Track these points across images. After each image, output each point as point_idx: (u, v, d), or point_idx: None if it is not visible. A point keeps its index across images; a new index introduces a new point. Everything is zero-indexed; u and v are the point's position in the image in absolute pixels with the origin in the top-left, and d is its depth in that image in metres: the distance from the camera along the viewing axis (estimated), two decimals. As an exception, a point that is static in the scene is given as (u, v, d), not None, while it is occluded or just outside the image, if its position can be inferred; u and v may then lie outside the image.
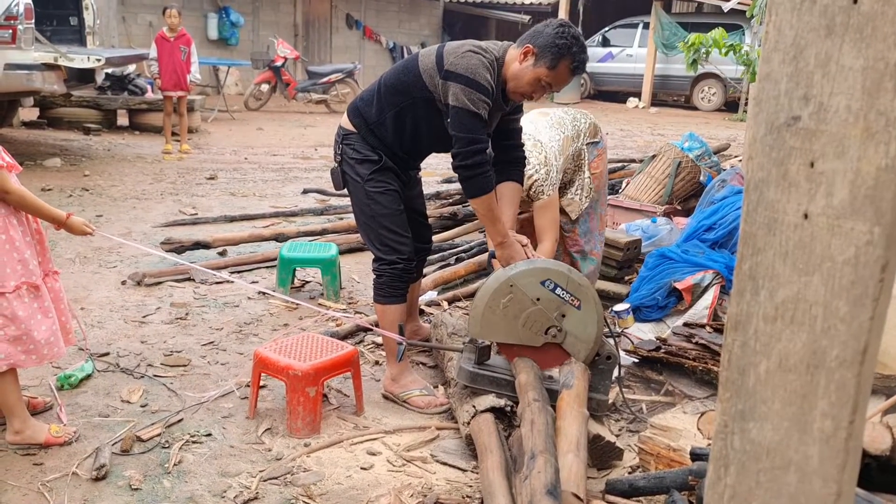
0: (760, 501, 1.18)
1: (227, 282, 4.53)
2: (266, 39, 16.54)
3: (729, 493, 1.21)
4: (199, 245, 5.18)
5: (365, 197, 3.26)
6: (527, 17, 20.61)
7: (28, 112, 10.68)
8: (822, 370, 1.12)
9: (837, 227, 1.08)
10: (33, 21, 7.42)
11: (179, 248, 5.09)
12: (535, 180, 3.59)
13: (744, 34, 15.26)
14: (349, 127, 3.31)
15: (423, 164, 3.55)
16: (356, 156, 3.26)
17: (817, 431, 1.13)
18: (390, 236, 3.24)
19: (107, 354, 3.60)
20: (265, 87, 14.18)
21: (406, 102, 3.18)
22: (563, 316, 2.89)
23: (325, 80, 14.53)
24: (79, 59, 7.81)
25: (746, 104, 14.68)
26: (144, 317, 4.11)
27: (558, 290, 2.88)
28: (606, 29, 19.60)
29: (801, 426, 1.14)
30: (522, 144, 3.46)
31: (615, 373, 3.02)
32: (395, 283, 3.25)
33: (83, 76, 8.26)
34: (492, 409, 2.82)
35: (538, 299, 2.89)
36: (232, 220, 6.30)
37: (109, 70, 9.74)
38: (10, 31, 7.08)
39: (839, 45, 1.05)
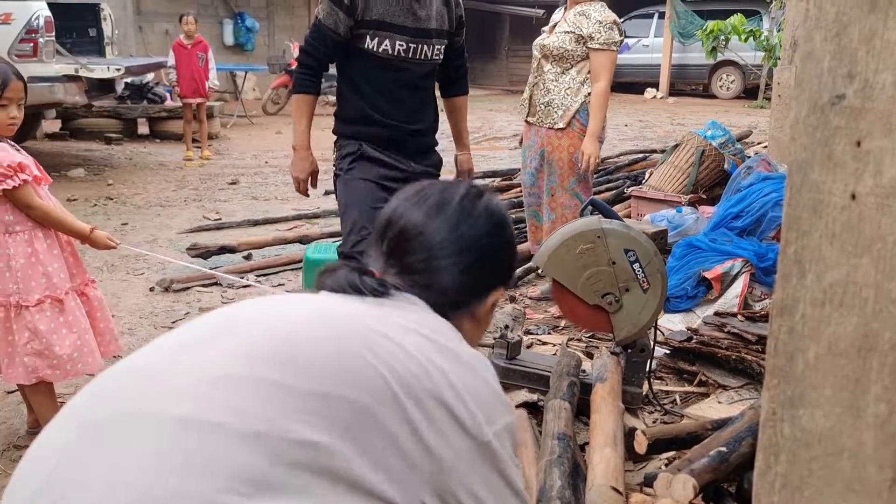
0: (813, 490, 1.16)
1: (253, 286, 4.54)
2: (282, 44, 16.58)
3: (780, 482, 1.19)
4: (224, 250, 5.21)
5: (342, 187, 3.08)
6: (541, 11, 20.52)
7: (50, 124, 10.77)
8: (875, 354, 1.09)
9: (887, 207, 1.05)
10: (54, 34, 7.48)
11: (205, 254, 5.11)
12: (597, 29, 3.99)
13: (761, 19, 15.11)
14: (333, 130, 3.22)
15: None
16: (338, 153, 3.14)
17: (871, 416, 1.11)
18: (345, 226, 3.04)
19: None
20: (282, 91, 14.23)
21: (340, 59, 3.07)
22: (627, 290, 2.85)
23: (341, 82, 14.54)
24: (99, 70, 7.87)
25: (766, 90, 14.55)
26: (174, 322, 4.13)
27: (636, 265, 2.83)
28: (621, 20, 19.49)
29: (853, 411, 1.11)
30: (465, 59, 3.39)
31: (647, 365, 2.99)
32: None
33: (103, 86, 8.32)
34: (525, 405, 2.80)
35: (614, 263, 2.84)
36: (255, 223, 6.32)
37: (129, 79, 9.81)
38: (32, 44, 7.15)
39: (883, 20, 1.03)
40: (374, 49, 2.94)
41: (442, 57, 3.13)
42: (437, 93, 3.34)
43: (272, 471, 0.91)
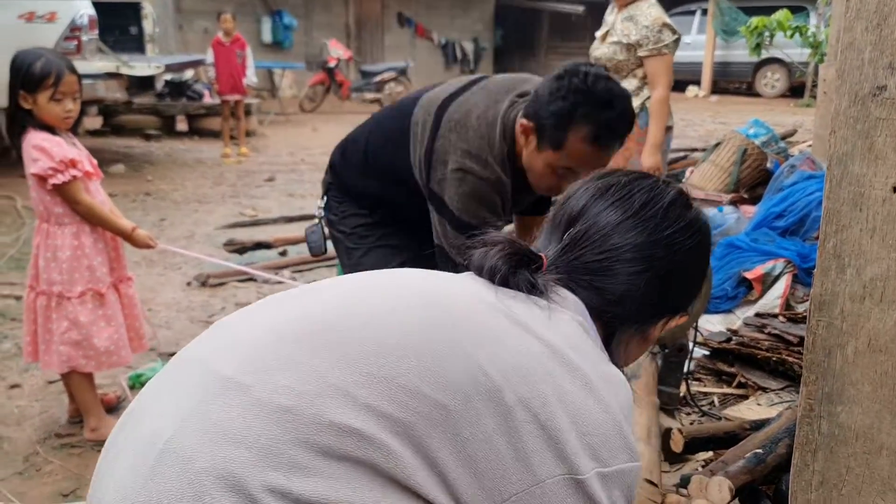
0: (851, 488, 1.14)
1: (287, 283, 4.57)
2: (319, 41, 16.70)
3: (818, 480, 1.17)
4: (260, 245, 5.26)
5: (345, 256, 2.51)
6: (580, 8, 20.41)
7: (92, 120, 10.95)
8: (916, 350, 1.07)
9: (930, 200, 1.03)
10: (97, 32, 7.60)
11: (241, 249, 5.17)
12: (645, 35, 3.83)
13: (808, 15, 14.84)
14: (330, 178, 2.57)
15: None
16: (343, 209, 2.51)
17: (911, 415, 1.08)
18: None
19: (175, 354, 3.66)
20: (319, 89, 14.32)
21: (392, 194, 2.36)
22: None
23: (378, 79, 14.64)
24: (140, 67, 7.99)
25: (813, 88, 14.28)
26: (210, 317, 4.17)
27: None
28: (662, 17, 19.28)
29: (893, 408, 1.09)
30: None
31: (685, 366, 2.95)
32: None
33: (143, 83, 8.45)
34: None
35: None
36: (291, 220, 6.36)
37: (168, 77, 9.94)
38: (76, 42, 7.26)
39: (928, 8, 1.00)
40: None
41: None
42: None
43: (294, 447, 0.86)
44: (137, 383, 3.29)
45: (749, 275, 3.83)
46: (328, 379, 0.90)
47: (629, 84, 4.00)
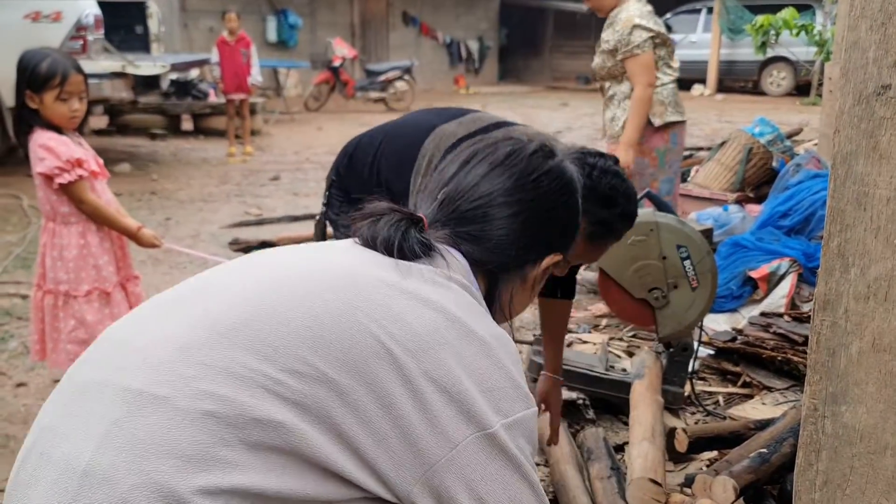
0: (855, 487, 1.14)
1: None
2: (324, 40, 16.71)
3: (821, 479, 1.17)
4: (265, 245, 5.27)
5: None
6: (585, 7, 20.33)
7: (98, 120, 10.97)
8: (921, 350, 1.07)
9: (934, 199, 1.02)
10: (102, 31, 7.62)
11: (246, 249, 5.19)
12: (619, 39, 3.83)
13: (814, 14, 14.79)
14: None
15: None
16: (345, 209, 2.48)
17: (916, 415, 1.08)
18: None
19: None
20: (324, 88, 14.32)
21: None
22: (676, 287, 2.78)
23: (382, 78, 14.64)
24: (145, 67, 7.99)
25: (819, 86, 14.24)
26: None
27: (687, 262, 2.75)
28: (668, 16, 19.21)
29: (898, 409, 1.09)
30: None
31: (690, 365, 2.94)
32: None
33: (149, 82, 8.47)
34: (564, 402, 2.78)
35: (665, 258, 2.76)
36: (296, 219, 6.37)
37: (174, 76, 9.95)
38: (81, 41, 7.28)
39: (932, 7, 1.00)
40: None
41: None
42: None
43: (222, 448, 0.90)
44: (143, 382, 3.29)
45: (754, 274, 3.82)
46: (243, 376, 0.94)
47: (623, 88, 4.00)
